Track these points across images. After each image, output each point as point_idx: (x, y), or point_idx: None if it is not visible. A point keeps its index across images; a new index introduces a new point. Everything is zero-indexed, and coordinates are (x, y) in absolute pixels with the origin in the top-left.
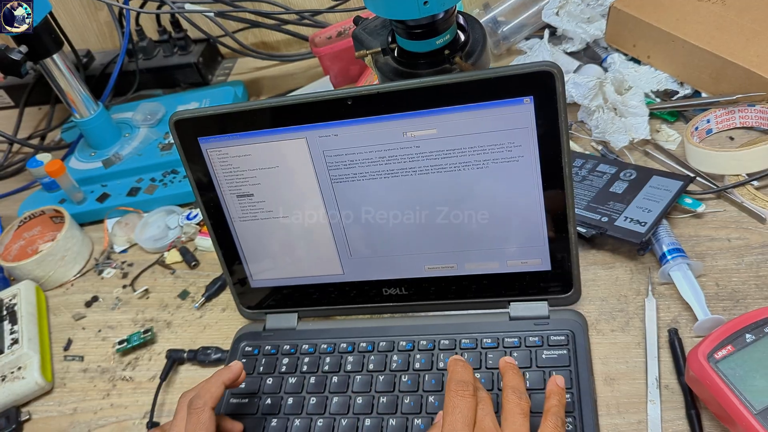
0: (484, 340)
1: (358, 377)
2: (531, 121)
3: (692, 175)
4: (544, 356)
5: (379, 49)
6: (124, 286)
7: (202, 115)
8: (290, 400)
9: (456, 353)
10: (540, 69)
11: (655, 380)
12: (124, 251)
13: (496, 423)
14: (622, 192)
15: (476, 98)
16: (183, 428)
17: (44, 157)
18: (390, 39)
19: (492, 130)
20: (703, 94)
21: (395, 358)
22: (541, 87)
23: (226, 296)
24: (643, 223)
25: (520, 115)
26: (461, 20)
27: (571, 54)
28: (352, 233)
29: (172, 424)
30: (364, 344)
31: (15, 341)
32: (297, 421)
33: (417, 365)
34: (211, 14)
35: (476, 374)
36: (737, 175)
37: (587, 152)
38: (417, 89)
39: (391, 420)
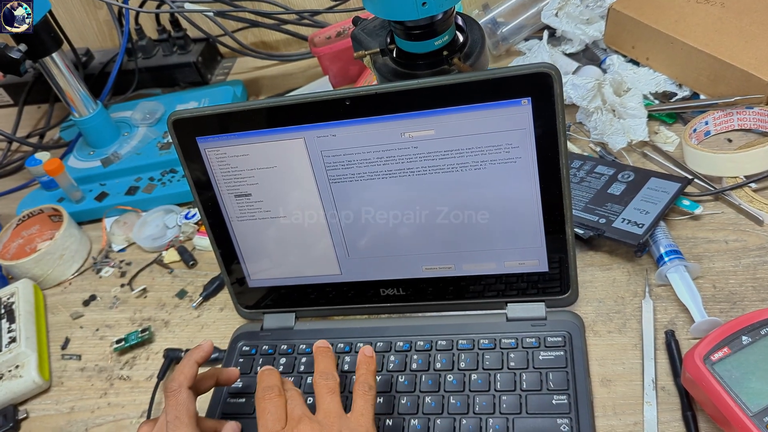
0: (482, 341)
1: (355, 377)
2: (529, 123)
3: (690, 177)
4: (541, 357)
5: (378, 49)
6: (122, 285)
7: (201, 115)
8: None
9: (453, 354)
10: (537, 71)
11: (651, 382)
12: (122, 250)
13: (306, 410)
14: (620, 193)
15: (474, 99)
16: None
17: (43, 156)
18: (389, 40)
19: (490, 131)
20: (702, 96)
21: (392, 358)
22: (539, 88)
23: (224, 296)
24: (640, 225)
25: (517, 117)
26: (460, 21)
27: (570, 55)
28: (349, 233)
29: (161, 415)
30: (362, 344)
31: (13, 340)
32: None
33: (414, 366)
34: (211, 14)
35: (473, 375)
36: (735, 177)
37: (585, 153)
38: (415, 90)
39: (387, 420)
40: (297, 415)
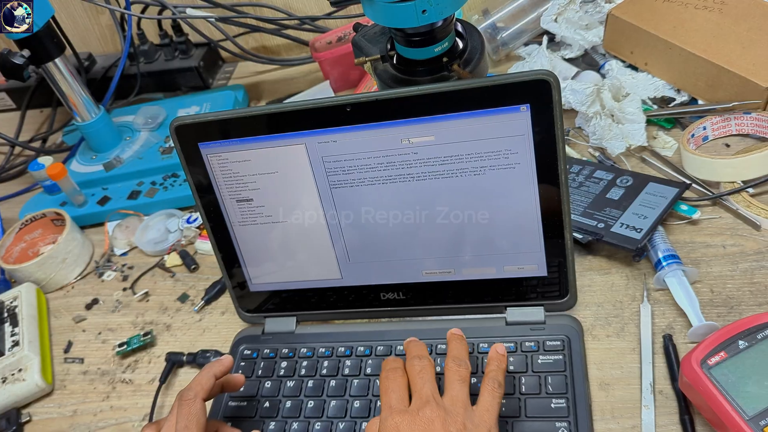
0: (481, 344)
1: (356, 381)
2: (527, 129)
3: (688, 182)
4: (539, 361)
5: (378, 56)
6: (125, 289)
7: (203, 121)
8: (288, 404)
9: None
10: (536, 77)
11: (649, 385)
12: (124, 254)
13: (436, 390)
14: (619, 198)
15: (474, 106)
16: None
17: (46, 160)
18: (389, 46)
19: (489, 138)
20: (700, 102)
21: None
22: (538, 95)
23: (226, 300)
24: (638, 230)
25: (516, 123)
26: (459, 28)
27: (569, 60)
28: (350, 238)
29: (167, 420)
30: (362, 348)
31: (16, 343)
32: (295, 425)
33: None
34: (213, 19)
35: (473, 379)
36: (733, 183)
37: (584, 158)
38: (415, 96)
39: None
40: (425, 395)
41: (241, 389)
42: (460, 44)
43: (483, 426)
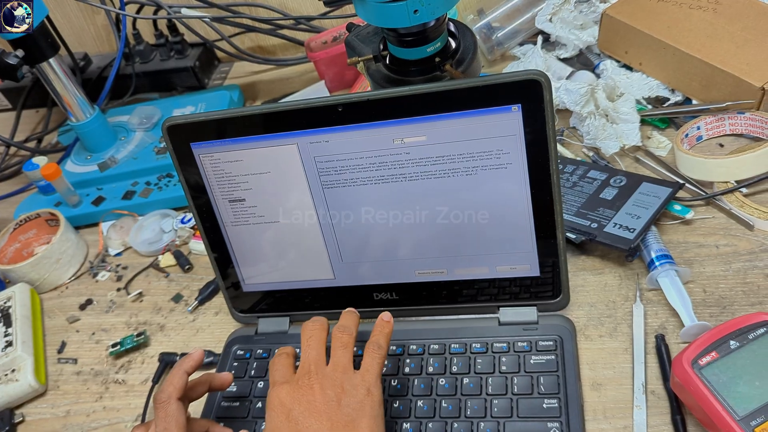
0: (473, 345)
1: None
2: (519, 129)
3: (681, 181)
4: (532, 361)
5: (371, 56)
6: (119, 289)
7: (195, 121)
8: None
9: (445, 358)
10: (527, 78)
11: (641, 386)
12: (118, 254)
13: (321, 356)
14: (612, 198)
15: (465, 106)
16: None
17: (40, 160)
18: (382, 46)
19: (481, 138)
20: (694, 101)
21: (385, 362)
22: (529, 95)
23: (219, 300)
24: (632, 230)
25: (508, 123)
26: (452, 28)
27: (564, 60)
28: (342, 238)
29: (154, 421)
30: (354, 348)
31: (9, 344)
32: None
33: (407, 369)
34: (208, 19)
35: (465, 379)
36: (726, 182)
37: (578, 158)
38: (407, 96)
39: None
40: (307, 363)
41: (234, 389)
42: (453, 44)
43: (362, 386)
